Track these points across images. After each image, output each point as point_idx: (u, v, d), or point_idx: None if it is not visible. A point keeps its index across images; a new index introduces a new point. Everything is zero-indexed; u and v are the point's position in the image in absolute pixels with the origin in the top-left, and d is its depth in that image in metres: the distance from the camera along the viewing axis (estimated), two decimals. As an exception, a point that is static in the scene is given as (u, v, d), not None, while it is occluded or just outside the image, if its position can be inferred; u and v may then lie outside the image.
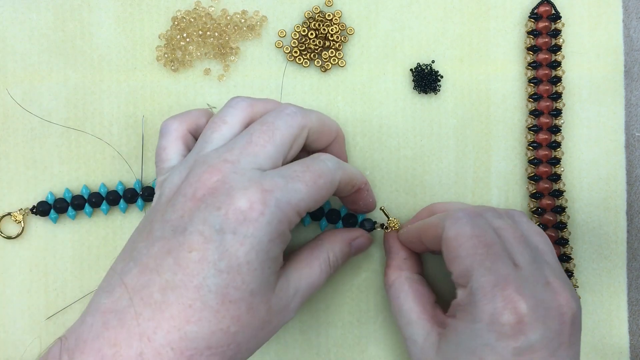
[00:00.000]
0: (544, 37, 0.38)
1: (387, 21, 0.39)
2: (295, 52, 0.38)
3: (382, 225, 0.37)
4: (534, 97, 0.38)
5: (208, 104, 0.38)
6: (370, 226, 0.37)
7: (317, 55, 0.38)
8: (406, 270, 0.34)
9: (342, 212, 0.37)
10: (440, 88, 0.38)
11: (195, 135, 0.33)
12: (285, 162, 0.30)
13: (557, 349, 0.28)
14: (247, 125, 0.31)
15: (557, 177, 0.38)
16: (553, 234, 0.38)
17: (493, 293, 0.27)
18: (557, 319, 0.28)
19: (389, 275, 0.34)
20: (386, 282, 0.34)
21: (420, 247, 0.34)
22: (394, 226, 0.37)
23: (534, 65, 0.38)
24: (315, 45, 0.38)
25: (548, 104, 0.38)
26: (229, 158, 0.29)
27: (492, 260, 0.28)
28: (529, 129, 0.38)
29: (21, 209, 0.37)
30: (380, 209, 0.37)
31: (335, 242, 0.34)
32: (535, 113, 0.38)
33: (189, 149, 0.33)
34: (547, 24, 0.38)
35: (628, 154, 0.39)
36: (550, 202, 0.38)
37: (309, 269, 0.31)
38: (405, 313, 0.32)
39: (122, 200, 0.37)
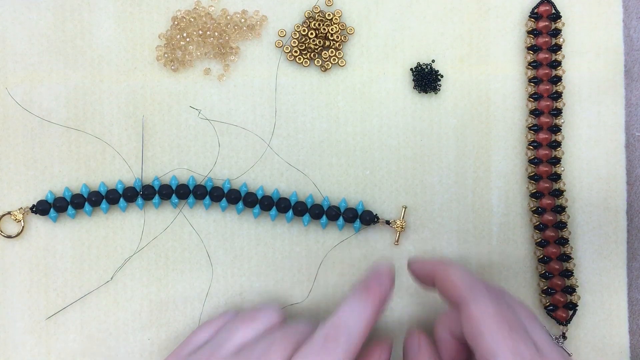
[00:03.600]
0: (544, 36, 0.38)
1: (387, 21, 0.39)
2: (295, 51, 0.38)
3: (387, 222, 0.37)
4: (534, 97, 0.38)
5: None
6: (370, 218, 0.37)
7: (317, 55, 0.38)
8: None
9: (342, 207, 0.37)
10: (440, 88, 0.38)
11: None
12: None
13: None
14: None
15: (557, 177, 0.38)
16: (553, 234, 0.38)
17: None
18: None
19: None
20: None
21: (428, 285, 0.34)
22: (398, 225, 0.37)
23: (534, 65, 0.38)
24: (315, 45, 0.38)
25: (548, 103, 0.38)
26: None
27: (515, 340, 0.28)
28: (529, 128, 0.38)
29: (21, 207, 0.37)
30: (403, 207, 0.38)
31: None
32: (535, 112, 0.38)
33: None
34: (547, 23, 0.38)
35: (628, 154, 0.39)
36: (550, 201, 0.38)
37: None
38: None
39: (122, 199, 0.37)
